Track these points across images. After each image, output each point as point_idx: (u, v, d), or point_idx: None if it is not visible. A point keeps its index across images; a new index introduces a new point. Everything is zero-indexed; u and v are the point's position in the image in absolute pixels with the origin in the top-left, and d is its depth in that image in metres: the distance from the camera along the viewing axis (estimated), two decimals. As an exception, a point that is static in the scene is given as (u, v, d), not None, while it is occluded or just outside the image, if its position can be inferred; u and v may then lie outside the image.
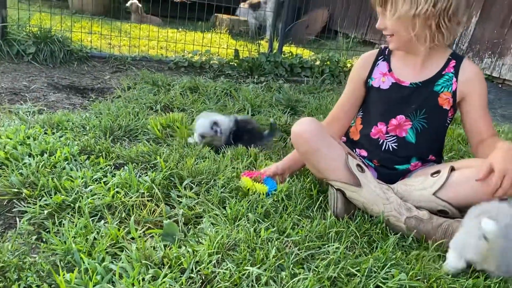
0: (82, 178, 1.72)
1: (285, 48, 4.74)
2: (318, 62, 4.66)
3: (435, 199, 1.60)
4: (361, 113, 1.93)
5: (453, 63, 1.75)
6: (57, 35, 3.82)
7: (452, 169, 1.62)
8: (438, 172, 1.64)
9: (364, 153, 1.88)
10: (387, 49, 1.87)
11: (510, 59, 4.62)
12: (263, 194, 1.73)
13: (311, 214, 1.67)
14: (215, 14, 7.49)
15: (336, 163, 1.69)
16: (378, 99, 1.85)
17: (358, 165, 1.70)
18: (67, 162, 1.85)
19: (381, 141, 1.83)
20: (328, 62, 4.62)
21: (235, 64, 4.30)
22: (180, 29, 6.08)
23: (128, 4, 6.85)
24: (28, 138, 2.00)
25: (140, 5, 6.90)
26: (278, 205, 1.68)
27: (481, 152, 1.69)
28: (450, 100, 1.74)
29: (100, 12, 6.91)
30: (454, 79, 1.74)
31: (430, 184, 1.62)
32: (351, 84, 1.95)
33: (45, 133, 2.12)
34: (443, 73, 1.75)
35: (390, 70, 1.83)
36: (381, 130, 1.83)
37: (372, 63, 1.88)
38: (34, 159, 1.80)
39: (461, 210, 1.55)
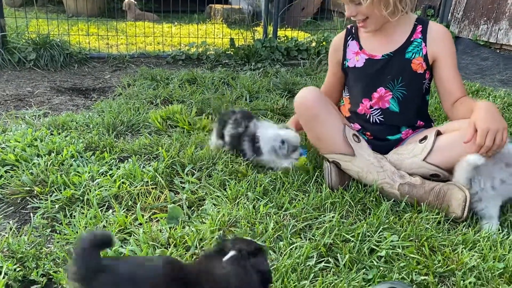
0: (88, 173, 1.81)
1: (281, 33, 4.76)
2: (314, 44, 4.68)
3: (426, 164, 1.67)
4: (347, 94, 2.01)
5: (420, 28, 1.80)
6: (55, 39, 3.91)
7: (439, 133, 1.68)
8: (425, 138, 1.70)
9: (357, 126, 1.94)
10: (354, 28, 1.92)
11: (506, 23, 4.61)
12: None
13: (308, 188, 1.74)
14: (209, 5, 7.51)
15: (334, 130, 1.77)
16: (356, 77, 1.92)
17: (354, 135, 1.77)
18: (73, 159, 1.94)
19: (368, 115, 1.90)
20: (324, 43, 4.64)
21: (232, 53, 4.35)
22: (175, 23, 6.12)
23: (124, 4, 6.89)
24: (36, 140, 2.09)
25: (134, 1, 6.94)
26: (276, 183, 1.76)
27: (456, 113, 1.75)
28: (423, 64, 1.79)
29: (96, 13, 6.97)
30: (423, 43, 1.78)
31: (419, 151, 1.68)
32: (331, 68, 2.04)
33: (51, 134, 2.22)
34: (411, 39, 1.80)
35: (361, 48, 1.89)
36: (366, 105, 1.90)
37: (343, 45, 1.94)
38: (42, 159, 1.89)
39: (452, 172, 1.62)
